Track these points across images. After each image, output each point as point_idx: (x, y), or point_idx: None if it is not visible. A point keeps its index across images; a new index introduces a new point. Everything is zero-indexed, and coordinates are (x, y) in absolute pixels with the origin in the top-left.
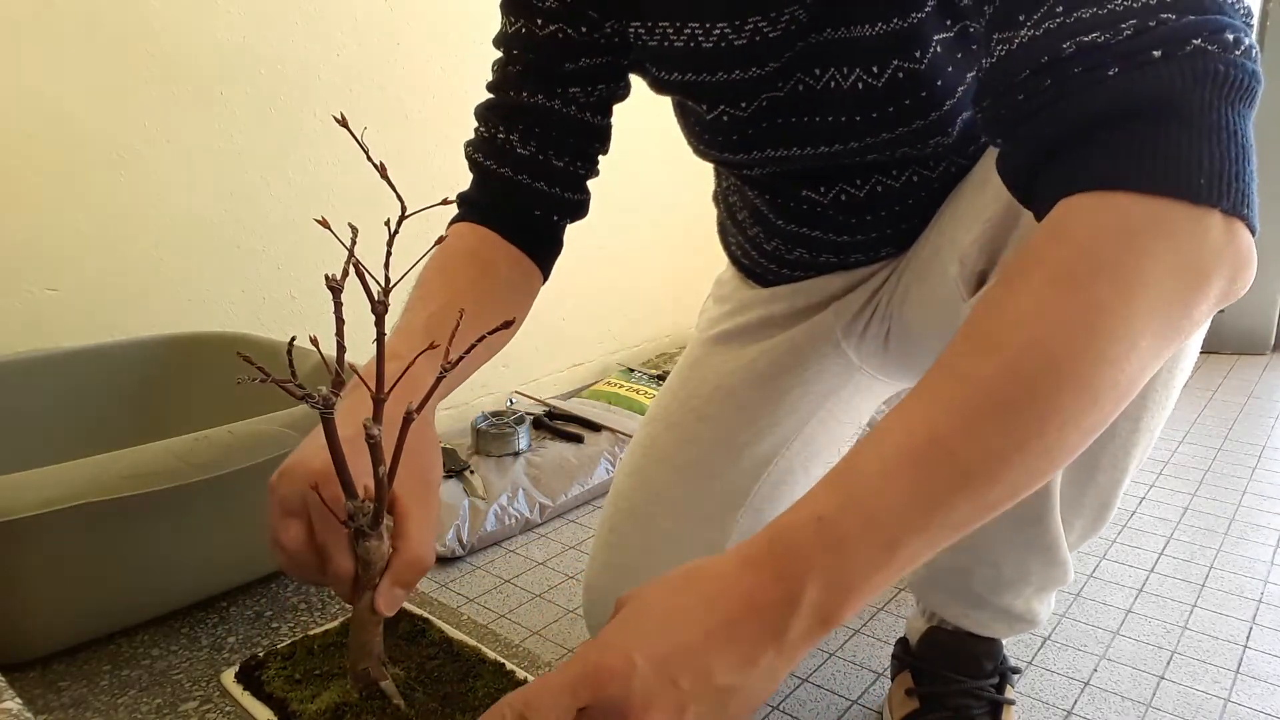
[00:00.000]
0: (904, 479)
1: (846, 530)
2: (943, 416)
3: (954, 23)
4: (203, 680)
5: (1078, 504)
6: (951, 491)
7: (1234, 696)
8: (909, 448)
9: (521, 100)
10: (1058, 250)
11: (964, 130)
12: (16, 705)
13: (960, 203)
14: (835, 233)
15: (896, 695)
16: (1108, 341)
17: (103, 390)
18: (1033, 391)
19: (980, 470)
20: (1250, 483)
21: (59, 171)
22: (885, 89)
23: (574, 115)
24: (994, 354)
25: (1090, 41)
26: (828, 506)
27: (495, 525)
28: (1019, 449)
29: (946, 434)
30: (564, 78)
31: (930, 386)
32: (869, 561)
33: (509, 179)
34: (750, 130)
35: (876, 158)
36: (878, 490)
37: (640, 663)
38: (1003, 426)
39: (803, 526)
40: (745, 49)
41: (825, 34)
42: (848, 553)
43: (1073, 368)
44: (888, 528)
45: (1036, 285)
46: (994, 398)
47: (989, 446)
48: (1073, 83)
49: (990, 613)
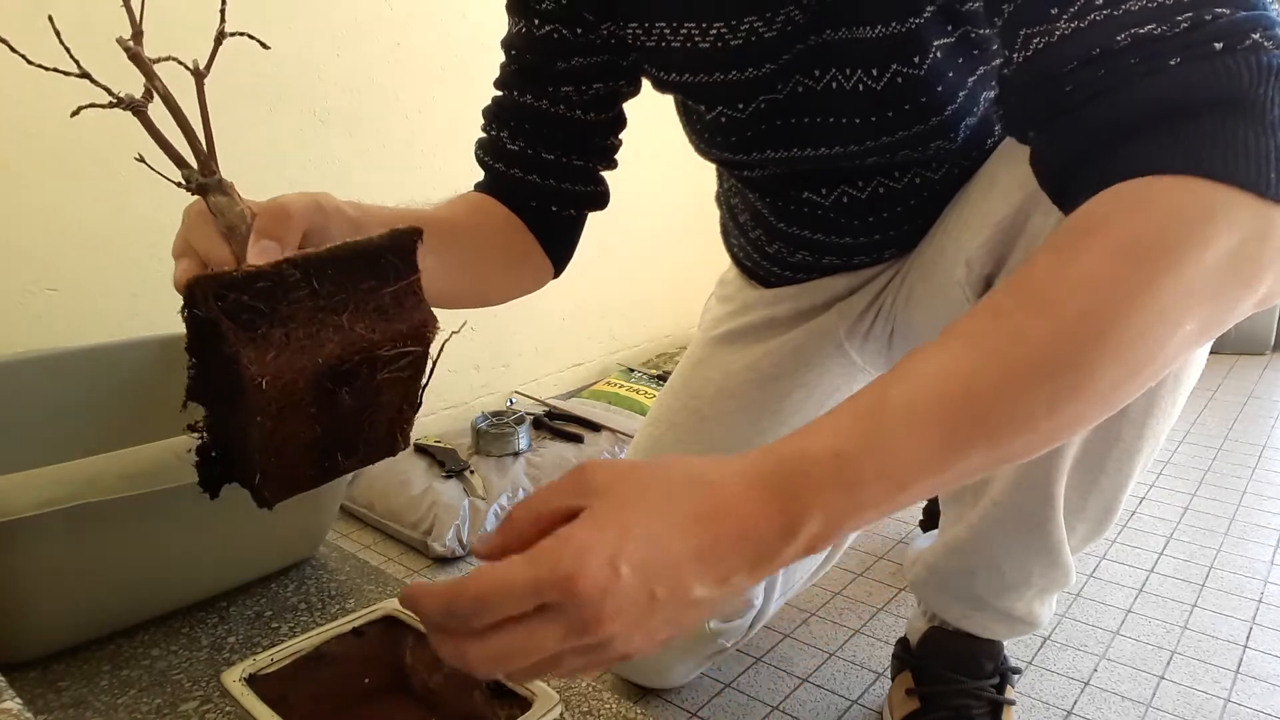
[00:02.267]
0: (933, 430)
1: (863, 471)
2: (984, 370)
3: (955, 28)
4: (203, 680)
5: (1081, 508)
6: (974, 446)
7: (1234, 696)
8: (943, 396)
9: (512, 98)
10: (1128, 221)
11: (967, 135)
12: (16, 705)
13: (966, 205)
14: (838, 235)
15: (897, 695)
16: (1158, 321)
17: (103, 390)
18: (1078, 362)
19: (1007, 430)
20: (1250, 483)
21: (59, 171)
22: (884, 92)
23: (562, 113)
24: (1049, 316)
25: (1146, 34)
26: (849, 442)
27: (495, 525)
28: (1049, 414)
29: (984, 389)
30: (556, 76)
31: (976, 332)
32: (875, 502)
33: (502, 173)
34: (749, 132)
35: (878, 160)
36: (903, 437)
37: (626, 574)
38: (1041, 392)
39: (819, 459)
40: (741, 49)
41: (825, 35)
42: (859, 493)
43: (1119, 342)
44: (903, 473)
45: (1102, 253)
46: (1040, 363)
47: (1023, 409)
48: (1129, 73)
49: (992, 615)
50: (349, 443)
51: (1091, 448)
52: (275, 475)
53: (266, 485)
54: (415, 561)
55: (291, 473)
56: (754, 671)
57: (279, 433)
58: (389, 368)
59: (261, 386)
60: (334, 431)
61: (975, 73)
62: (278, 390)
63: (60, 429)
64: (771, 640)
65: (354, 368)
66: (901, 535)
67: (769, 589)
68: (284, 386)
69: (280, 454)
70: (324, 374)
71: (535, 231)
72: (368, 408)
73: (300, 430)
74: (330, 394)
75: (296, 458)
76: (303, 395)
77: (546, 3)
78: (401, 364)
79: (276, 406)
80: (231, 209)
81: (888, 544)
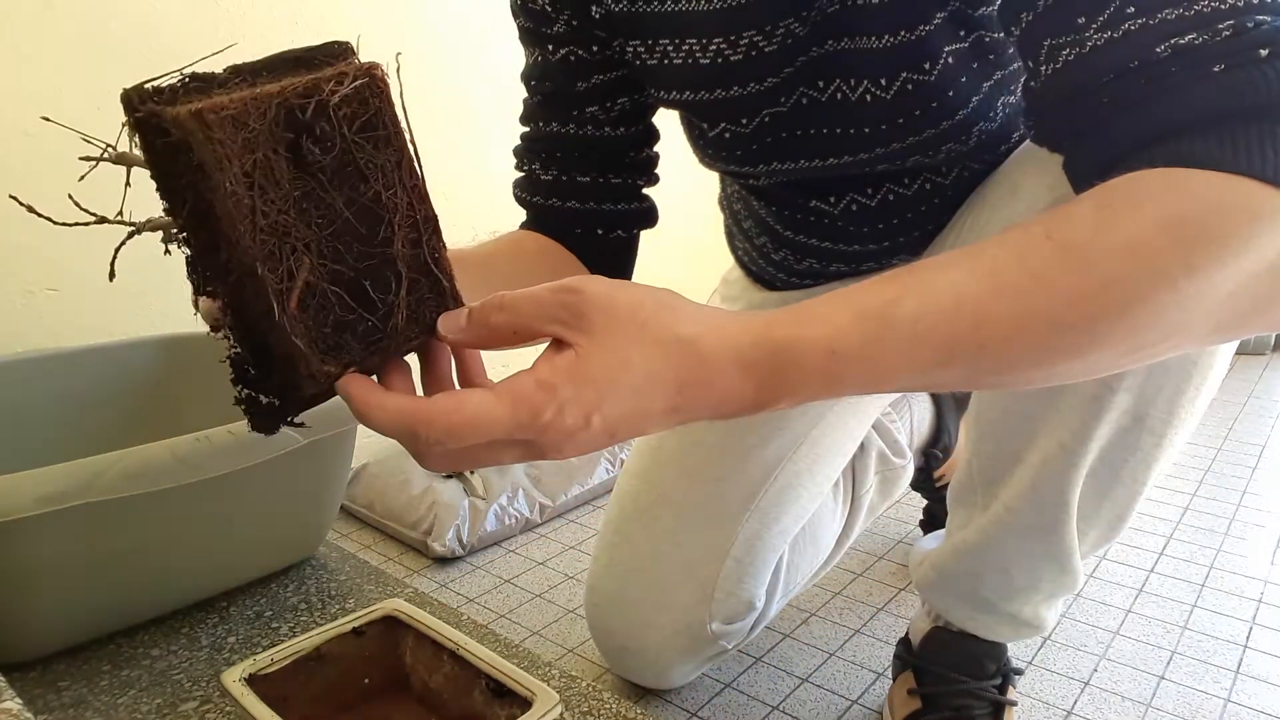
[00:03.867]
0: (930, 349)
1: (850, 372)
2: (996, 308)
3: (967, 33)
4: (203, 680)
5: (1094, 514)
6: (961, 368)
7: (1234, 696)
8: (951, 318)
9: (540, 130)
10: (1176, 198)
11: (981, 138)
12: (16, 705)
13: (984, 209)
14: (846, 243)
15: (898, 695)
16: (1175, 308)
17: (103, 390)
18: (1092, 327)
19: (996, 364)
20: (1250, 483)
21: (59, 172)
22: (894, 101)
23: (591, 134)
24: (1079, 272)
25: (1188, 43)
26: (846, 343)
27: (495, 525)
28: (1041, 364)
29: (992, 324)
30: (579, 98)
31: (1001, 263)
32: (849, 392)
33: (541, 206)
34: (754, 145)
35: (888, 167)
36: (900, 350)
37: (597, 424)
38: (1046, 342)
39: (813, 352)
40: (741, 64)
41: (829, 46)
42: (838, 388)
43: (1136, 320)
44: (887, 377)
45: (1145, 224)
46: (1056, 316)
47: (1020, 353)
48: (1171, 80)
49: (998, 618)
50: (377, 272)
51: (1108, 457)
52: (308, 340)
53: (301, 362)
54: (415, 561)
55: (328, 340)
56: (754, 671)
57: (272, 233)
58: (347, 116)
59: (204, 119)
60: (341, 240)
61: (991, 77)
62: (228, 131)
63: (60, 429)
64: (771, 640)
65: (303, 111)
66: (902, 535)
67: (770, 591)
68: (234, 119)
69: (296, 292)
70: (274, 114)
71: (585, 259)
72: (359, 196)
73: (292, 227)
74: (295, 147)
75: (322, 308)
76: (262, 140)
77: (558, 26)
78: (358, 109)
79: (240, 167)
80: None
81: (888, 544)
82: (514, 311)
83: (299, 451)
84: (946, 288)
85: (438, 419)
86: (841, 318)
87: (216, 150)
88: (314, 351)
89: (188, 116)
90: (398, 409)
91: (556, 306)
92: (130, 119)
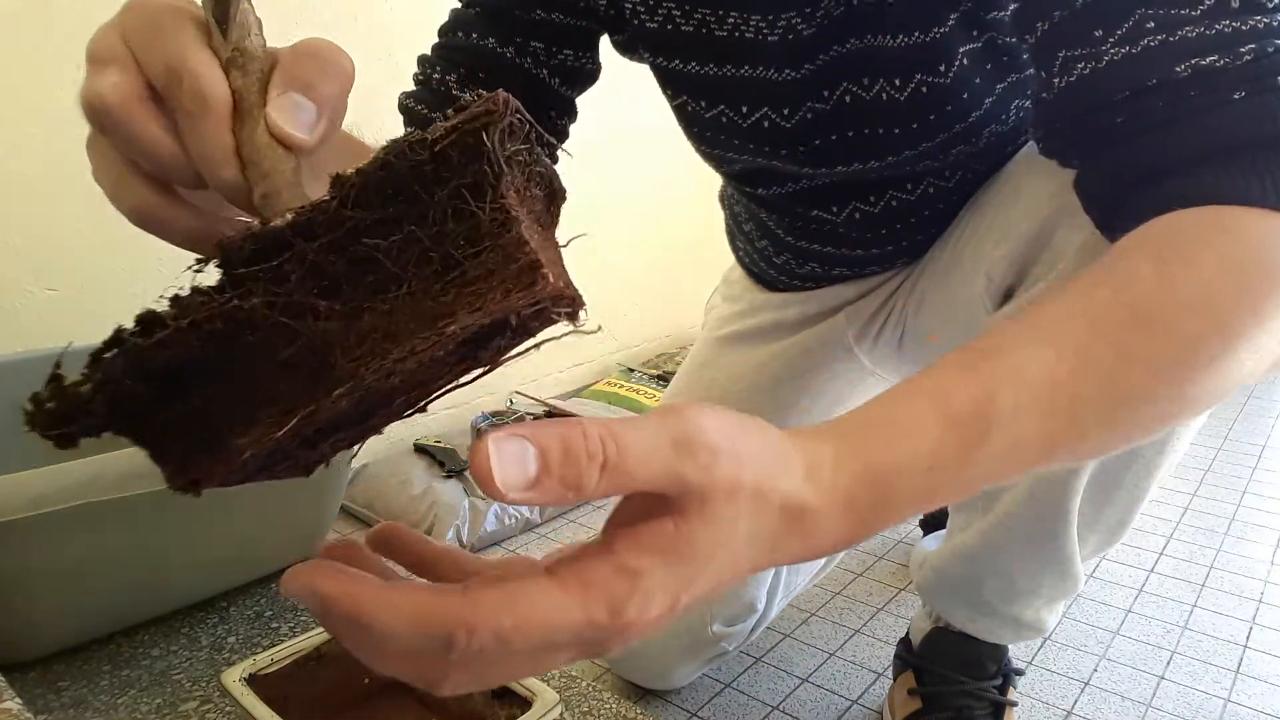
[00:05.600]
0: (1032, 449)
1: (945, 486)
2: (1088, 385)
3: (980, 34)
4: (203, 680)
5: (1095, 520)
6: (1060, 459)
7: (1234, 696)
8: (1048, 411)
9: (471, 43)
10: (1230, 244)
11: (991, 140)
12: (16, 705)
13: (986, 213)
14: (849, 248)
15: (899, 695)
16: (1249, 355)
17: None
18: (1185, 387)
19: (1095, 446)
20: (1250, 483)
21: (59, 172)
22: (908, 103)
23: (529, 68)
24: (1162, 337)
25: (1209, 65)
26: (945, 457)
27: (495, 525)
28: (1137, 433)
29: (1088, 408)
30: (528, 28)
31: (1080, 342)
32: (937, 506)
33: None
34: (752, 143)
35: (894, 173)
36: (1002, 453)
37: (680, 605)
38: (1142, 413)
39: (912, 474)
40: (771, 46)
41: (848, 45)
42: (931, 503)
43: (1222, 368)
44: (982, 483)
45: (1209, 274)
46: (1149, 386)
47: (1119, 431)
48: (1190, 104)
49: (999, 620)
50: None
51: (1109, 465)
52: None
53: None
54: None
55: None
56: (754, 671)
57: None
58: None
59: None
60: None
61: (1005, 79)
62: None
63: None
64: (772, 640)
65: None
66: (902, 535)
67: (771, 593)
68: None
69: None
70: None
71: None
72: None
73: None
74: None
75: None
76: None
77: None
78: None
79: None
80: (239, 24)
81: (888, 544)
82: (624, 475)
83: None
84: (1036, 374)
85: (486, 620)
86: (931, 424)
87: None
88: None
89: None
90: (422, 609)
91: (672, 478)
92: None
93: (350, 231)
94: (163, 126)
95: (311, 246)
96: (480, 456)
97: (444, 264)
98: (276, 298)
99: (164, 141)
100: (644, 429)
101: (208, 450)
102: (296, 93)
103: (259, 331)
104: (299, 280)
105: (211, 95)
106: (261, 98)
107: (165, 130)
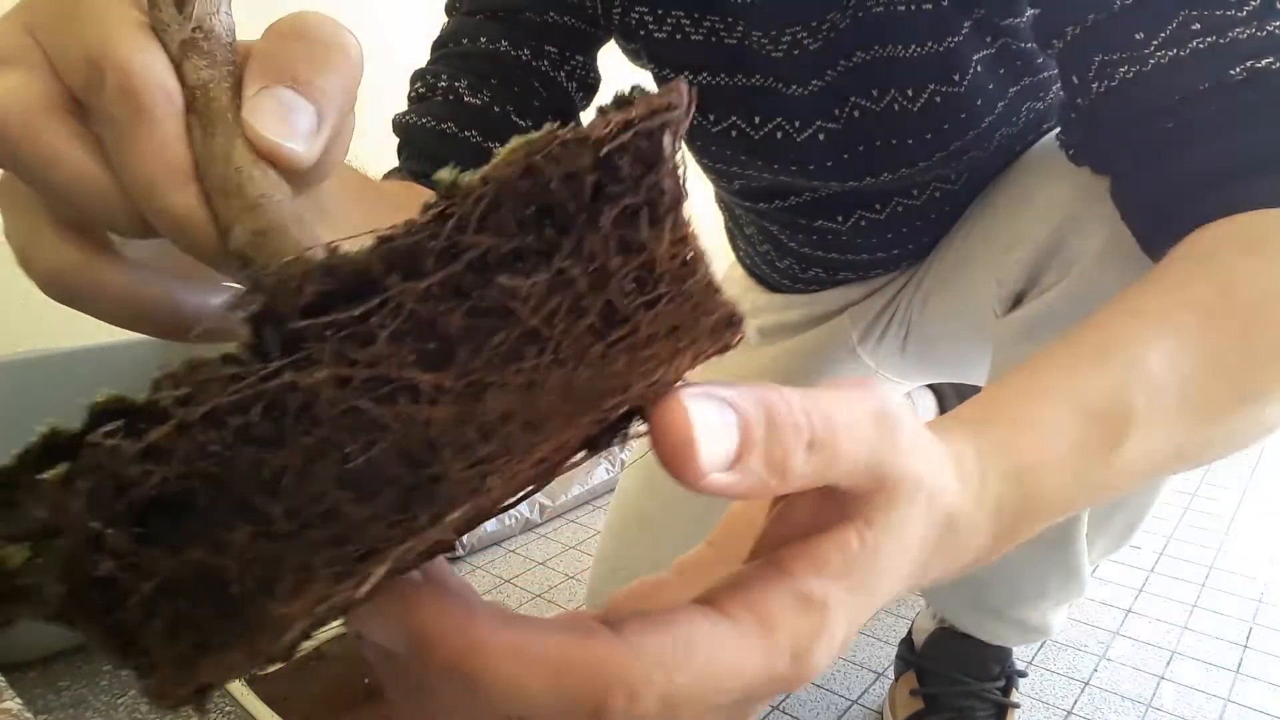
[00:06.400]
0: (1167, 451)
1: (1084, 497)
2: (1214, 380)
3: (994, 39)
4: None
5: (1105, 524)
6: (1185, 462)
7: (1234, 696)
8: (1182, 411)
9: (480, 48)
10: None
11: (1001, 143)
12: (16, 705)
13: (996, 216)
14: (854, 254)
15: (900, 695)
16: None
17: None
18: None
19: (1220, 450)
20: (1250, 483)
21: None
22: (921, 114)
23: (546, 71)
24: (1274, 327)
25: (1265, 68)
26: (1086, 478)
27: (495, 525)
28: (1250, 435)
29: (1215, 406)
30: (542, 30)
31: (1192, 332)
32: (1070, 512)
33: (452, 136)
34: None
35: (903, 182)
36: (1138, 458)
37: (854, 634)
38: (1261, 416)
39: (1060, 473)
40: (775, 60)
41: (856, 59)
42: (1069, 511)
43: None
44: (1115, 489)
45: None
46: (1268, 386)
47: (1239, 426)
48: (1248, 110)
49: (1004, 623)
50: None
51: None
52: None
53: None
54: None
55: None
56: None
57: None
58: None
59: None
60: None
61: (1018, 83)
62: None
63: None
64: None
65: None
66: None
67: None
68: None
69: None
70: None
71: None
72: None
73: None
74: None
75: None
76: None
77: None
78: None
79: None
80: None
81: None
82: (831, 458)
83: None
84: (1162, 369)
85: (653, 675)
86: (1073, 436)
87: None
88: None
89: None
90: (564, 662)
91: (873, 466)
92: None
93: (474, 267)
94: (86, 149)
95: (415, 288)
96: (677, 421)
97: (605, 318)
98: (354, 369)
99: (87, 169)
100: (841, 398)
101: (226, 633)
102: (284, 87)
103: (321, 426)
104: (391, 341)
105: (145, 89)
106: (236, 96)
107: (89, 154)
